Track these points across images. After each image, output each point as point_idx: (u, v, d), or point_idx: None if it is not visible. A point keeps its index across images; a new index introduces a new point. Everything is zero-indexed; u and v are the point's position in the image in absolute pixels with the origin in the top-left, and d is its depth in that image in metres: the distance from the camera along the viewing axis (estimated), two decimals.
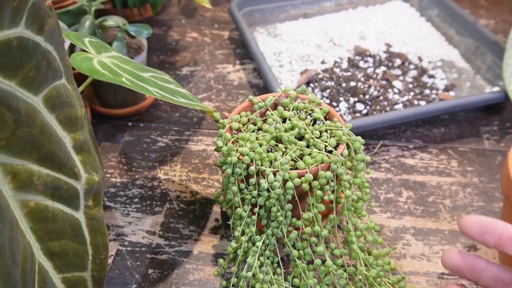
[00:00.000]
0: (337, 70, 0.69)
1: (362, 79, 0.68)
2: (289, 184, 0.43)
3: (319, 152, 0.45)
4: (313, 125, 0.49)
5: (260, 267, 0.44)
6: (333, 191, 0.46)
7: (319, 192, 0.44)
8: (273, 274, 0.45)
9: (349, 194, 0.45)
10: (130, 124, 0.66)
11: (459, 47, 0.76)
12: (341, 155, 0.45)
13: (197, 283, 0.48)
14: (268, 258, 0.45)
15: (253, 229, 0.44)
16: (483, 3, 0.89)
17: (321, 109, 0.50)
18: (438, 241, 0.52)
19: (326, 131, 0.48)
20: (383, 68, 0.71)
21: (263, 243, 0.44)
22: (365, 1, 0.86)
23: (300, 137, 0.48)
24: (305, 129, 0.47)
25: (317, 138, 0.47)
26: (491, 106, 0.67)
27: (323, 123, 0.48)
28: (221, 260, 0.47)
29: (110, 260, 0.50)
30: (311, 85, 0.68)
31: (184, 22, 0.85)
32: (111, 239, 0.52)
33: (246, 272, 0.43)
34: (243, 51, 0.78)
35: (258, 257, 0.44)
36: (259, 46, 0.76)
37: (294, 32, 0.79)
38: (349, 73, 0.69)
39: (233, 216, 0.46)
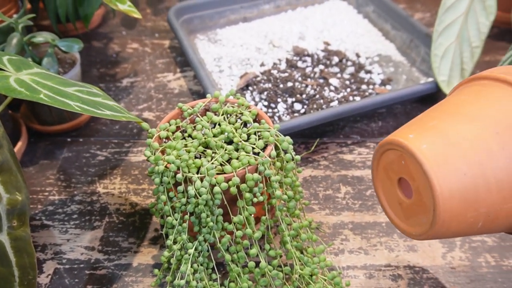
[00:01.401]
0: (274, 71, 0.70)
1: (300, 79, 0.69)
2: (216, 189, 0.43)
3: (246, 155, 0.45)
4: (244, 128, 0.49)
5: (194, 274, 0.44)
6: (262, 193, 0.46)
7: (248, 195, 0.44)
8: (209, 280, 0.45)
9: (279, 195, 0.46)
10: (69, 139, 0.65)
11: (395, 41, 0.78)
12: (269, 156, 0.46)
13: None
14: (202, 265, 0.45)
15: (185, 236, 0.44)
16: None
17: (250, 111, 0.50)
18: (375, 234, 0.53)
19: (254, 133, 0.48)
20: (321, 67, 0.72)
21: (196, 249, 0.44)
22: (304, 2, 0.87)
23: (230, 141, 0.48)
24: (233, 133, 0.47)
25: (245, 141, 0.47)
26: (426, 97, 0.68)
27: (252, 125, 0.49)
28: (156, 270, 0.47)
29: (47, 280, 0.49)
30: (250, 88, 0.68)
31: (125, 34, 0.84)
32: (49, 258, 0.51)
33: (180, 280, 0.43)
34: (184, 59, 0.78)
35: (191, 264, 0.44)
36: (199, 52, 0.76)
37: (234, 37, 0.80)
38: (286, 74, 0.69)
39: (165, 225, 0.46)
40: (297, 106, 0.65)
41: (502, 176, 0.35)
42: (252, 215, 0.46)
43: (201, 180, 0.43)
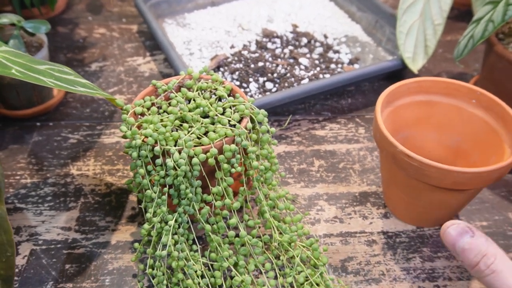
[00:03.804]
0: (245, 52, 0.71)
1: (270, 59, 0.70)
2: (195, 160, 0.43)
3: (223, 127, 0.46)
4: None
5: (174, 245, 0.44)
6: (240, 164, 0.47)
7: (226, 166, 0.45)
8: (190, 251, 0.46)
9: (256, 165, 0.46)
10: (38, 124, 0.64)
11: (361, 22, 0.80)
12: (245, 128, 0.46)
13: (117, 272, 0.48)
14: (182, 236, 0.45)
15: (164, 209, 0.44)
16: None
17: (224, 87, 0.51)
18: (349, 203, 0.54)
19: (230, 107, 0.49)
20: (290, 48, 0.73)
21: (175, 221, 0.45)
22: None
23: (205, 116, 0.49)
24: (209, 107, 0.48)
25: (221, 114, 0.48)
26: (393, 74, 0.70)
27: (227, 100, 0.49)
28: (136, 244, 0.47)
29: (24, 261, 0.48)
30: (221, 69, 0.69)
31: (91, 19, 0.83)
32: (24, 240, 0.50)
33: (161, 251, 0.43)
34: (153, 43, 0.78)
35: (172, 236, 0.44)
36: (168, 37, 0.76)
37: (202, 21, 0.80)
38: (256, 55, 0.70)
39: (144, 199, 0.46)
40: (269, 85, 0.66)
41: None
42: (231, 188, 0.46)
43: (179, 152, 0.44)
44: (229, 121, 0.47)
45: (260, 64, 0.68)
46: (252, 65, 0.68)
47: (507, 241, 0.50)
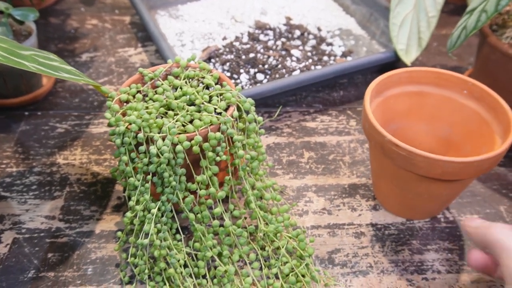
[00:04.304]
0: (236, 44, 0.70)
1: (262, 50, 0.69)
2: (179, 147, 0.43)
3: (208, 115, 0.45)
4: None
5: (157, 233, 0.44)
6: (225, 153, 0.46)
7: (210, 154, 0.44)
8: (173, 240, 0.45)
9: (242, 154, 0.46)
10: (26, 113, 0.63)
11: (355, 15, 0.79)
12: (231, 116, 0.46)
13: (99, 261, 0.47)
14: (165, 225, 0.44)
15: (147, 197, 0.44)
16: None
17: (212, 75, 0.50)
18: (338, 195, 0.54)
19: (217, 95, 0.48)
20: (283, 40, 0.72)
21: (159, 210, 0.44)
22: None
23: (192, 104, 0.48)
24: (195, 95, 0.47)
25: (207, 102, 0.47)
26: (386, 67, 0.69)
27: (214, 88, 0.48)
28: (119, 233, 0.46)
29: (6, 249, 0.48)
30: (212, 60, 0.68)
31: (84, 10, 0.82)
32: (7, 228, 0.50)
33: (143, 239, 0.42)
34: (145, 34, 0.77)
35: (155, 224, 0.44)
36: (160, 28, 0.75)
37: (195, 13, 0.79)
38: (248, 46, 0.69)
39: (127, 187, 0.46)
40: (260, 76, 0.65)
41: None
42: (216, 177, 0.46)
43: (163, 139, 0.43)
44: (215, 109, 0.46)
45: (252, 55, 0.67)
46: (243, 56, 0.67)
47: None
